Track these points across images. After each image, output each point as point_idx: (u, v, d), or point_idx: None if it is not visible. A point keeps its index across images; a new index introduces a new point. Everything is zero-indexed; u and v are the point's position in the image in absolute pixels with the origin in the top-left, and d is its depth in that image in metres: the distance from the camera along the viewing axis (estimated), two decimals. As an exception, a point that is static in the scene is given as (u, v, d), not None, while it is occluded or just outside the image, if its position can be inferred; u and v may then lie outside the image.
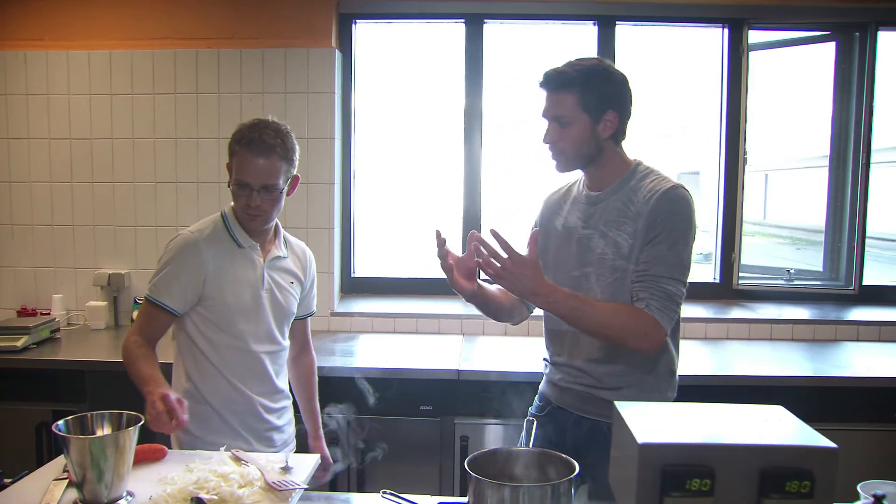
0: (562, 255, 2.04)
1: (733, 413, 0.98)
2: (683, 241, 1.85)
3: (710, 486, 0.84)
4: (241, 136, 2.02)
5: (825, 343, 3.46)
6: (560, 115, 1.93)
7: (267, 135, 2.01)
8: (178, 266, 2.02)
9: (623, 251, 1.89)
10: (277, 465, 1.56)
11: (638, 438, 0.86)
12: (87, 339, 3.38)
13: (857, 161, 3.65)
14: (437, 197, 4.00)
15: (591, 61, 1.96)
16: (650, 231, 1.86)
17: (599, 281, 1.93)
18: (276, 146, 2.01)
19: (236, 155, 2.02)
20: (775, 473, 0.83)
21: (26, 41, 3.53)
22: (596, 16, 3.66)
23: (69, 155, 3.58)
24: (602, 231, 1.94)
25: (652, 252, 1.85)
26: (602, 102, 1.92)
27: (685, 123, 5.90)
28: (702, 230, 6.44)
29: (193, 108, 3.53)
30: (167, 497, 1.39)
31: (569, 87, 1.91)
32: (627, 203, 1.92)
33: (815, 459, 0.85)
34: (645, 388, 1.96)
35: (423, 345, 3.37)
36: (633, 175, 1.97)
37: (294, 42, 3.50)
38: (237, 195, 2.04)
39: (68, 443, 1.37)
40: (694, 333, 3.51)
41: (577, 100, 1.90)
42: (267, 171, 2.00)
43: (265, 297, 2.11)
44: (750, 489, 0.85)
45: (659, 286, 1.82)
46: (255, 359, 2.10)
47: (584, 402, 1.99)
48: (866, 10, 3.53)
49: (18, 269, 3.65)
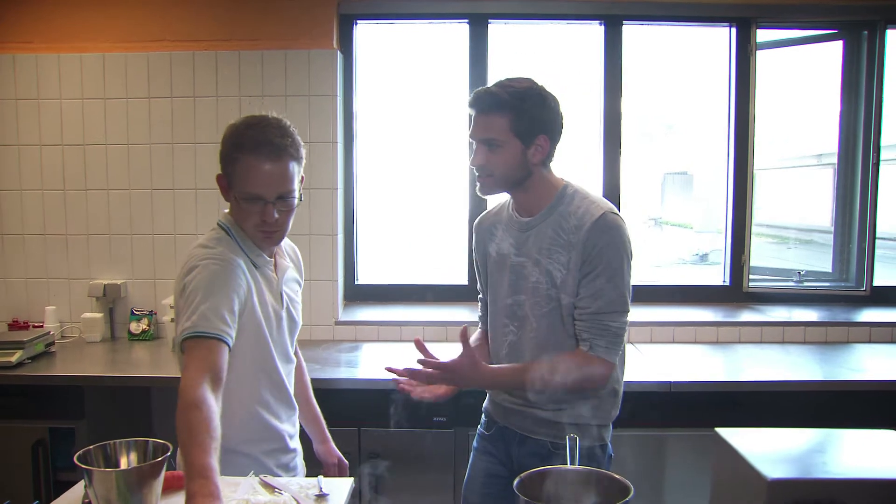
0: (495, 282, 2.04)
1: (851, 440, 0.91)
2: (621, 273, 1.86)
3: None
4: (240, 139, 1.73)
5: (837, 345, 3.42)
6: (490, 137, 1.88)
7: (272, 133, 1.73)
8: (227, 288, 1.68)
9: (556, 281, 1.88)
10: (311, 490, 1.47)
11: (766, 474, 0.78)
12: (83, 353, 3.26)
13: (868, 160, 3.62)
14: (441, 201, 3.92)
15: (524, 83, 1.89)
16: (586, 265, 1.85)
17: (534, 310, 1.93)
18: (286, 146, 1.74)
19: (238, 162, 1.72)
20: None
21: (15, 44, 3.41)
22: (602, 15, 3.59)
23: (61, 161, 3.46)
24: (535, 259, 1.92)
25: (591, 287, 1.85)
26: (534, 126, 1.88)
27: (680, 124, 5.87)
28: (702, 231, 6.38)
29: (191, 112, 3.42)
30: (198, 531, 1.29)
31: (500, 109, 1.86)
32: (558, 230, 1.90)
33: None
34: (589, 408, 1.95)
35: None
36: (562, 199, 1.94)
37: (294, 43, 3.40)
38: (246, 211, 1.75)
39: (92, 475, 1.27)
40: (706, 337, 3.45)
41: (509, 123, 1.86)
42: (280, 178, 1.72)
43: (284, 315, 1.91)
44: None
45: (602, 325, 1.85)
46: (280, 383, 1.90)
47: (529, 423, 1.99)
48: (875, 7, 3.49)
49: (9, 280, 3.52)
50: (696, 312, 3.60)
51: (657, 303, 3.68)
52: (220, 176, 1.80)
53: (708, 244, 6.08)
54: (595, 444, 1.97)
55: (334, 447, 2.21)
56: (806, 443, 0.91)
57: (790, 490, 0.77)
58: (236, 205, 1.78)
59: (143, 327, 3.46)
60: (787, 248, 4.23)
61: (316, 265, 3.46)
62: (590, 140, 3.68)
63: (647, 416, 2.68)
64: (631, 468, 2.13)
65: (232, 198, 1.79)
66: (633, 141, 3.94)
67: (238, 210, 1.78)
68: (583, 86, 3.70)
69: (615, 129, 3.64)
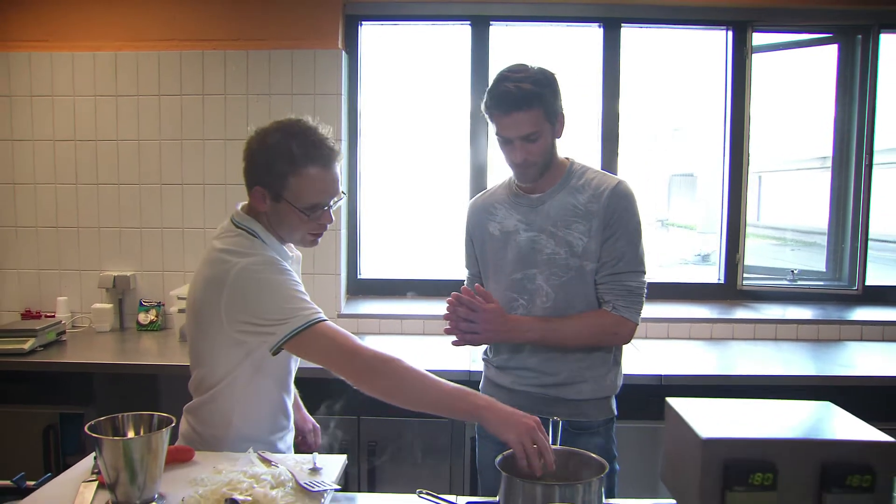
0: (498, 258, 2.09)
1: (787, 409, 0.99)
2: (638, 235, 1.99)
3: (772, 481, 0.85)
4: (296, 150, 1.67)
5: (829, 343, 3.49)
6: (530, 132, 1.94)
7: (325, 140, 1.73)
8: (293, 280, 1.71)
9: (577, 250, 1.98)
10: (306, 465, 1.56)
11: (701, 434, 0.87)
12: (93, 342, 3.36)
13: (860, 162, 3.69)
14: (442, 198, 4.01)
15: (532, 71, 1.94)
16: (607, 229, 1.96)
17: (549, 281, 2.00)
18: (338, 150, 1.76)
19: (296, 175, 1.67)
20: (837, 468, 0.84)
21: (30, 42, 3.51)
22: (601, 18, 3.67)
23: (74, 156, 3.56)
24: (550, 231, 2.00)
25: (612, 250, 1.96)
26: (557, 108, 1.97)
27: (686, 126, 5.93)
28: (705, 231, 6.41)
29: (199, 109, 3.52)
30: (199, 498, 1.39)
31: (532, 102, 1.91)
32: (574, 202, 1.99)
33: (876, 454, 0.86)
34: (598, 381, 2.04)
35: (431, 346, 3.37)
36: (571, 174, 2.04)
37: (300, 43, 3.50)
38: (301, 219, 1.73)
39: (102, 444, 1.36)
40: (700, 334, 3.53)
41: (543, 112, 1.94)
42: (337, 182, 1.75)
43: None
44: (811, 483, 0.86)
45: (622, 285, 1.97)
46: (289, 367, 1.91)
47: (537, 403, 2.04)
48: (869, 12, 3.56)
49: (22, 271, 3.62)
50: (691, 309, 3.67)
51: (653, 300, 3.74)
52: (260, 189, 1.72)
53: (710, 245, 6.15)
54: (607, 416, 2.06)
55: (307, 414, 2.19)
56: (744, 410, 0.99)
57: (722, 448, 0.86)
58: (287, 215, 1.73)
59: (151, 318, 3.56)
60: (791, 251, 4.30)
61: (320, 259, 3.55)
62: (589, 140, 3.76)
63: (639, 409, 2.74)
64: (622, 460, 2.20)
65: (277, 209, 1.73)
66: (640, 143, 4.03)
67: (287, 220, 1.74)
68: (582, 87, 3.78)
69: (613, 129, 3.72)
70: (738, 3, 3.53)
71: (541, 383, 2.04)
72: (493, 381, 2.16)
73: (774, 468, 0.85)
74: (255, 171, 1.72)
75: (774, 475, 0.84)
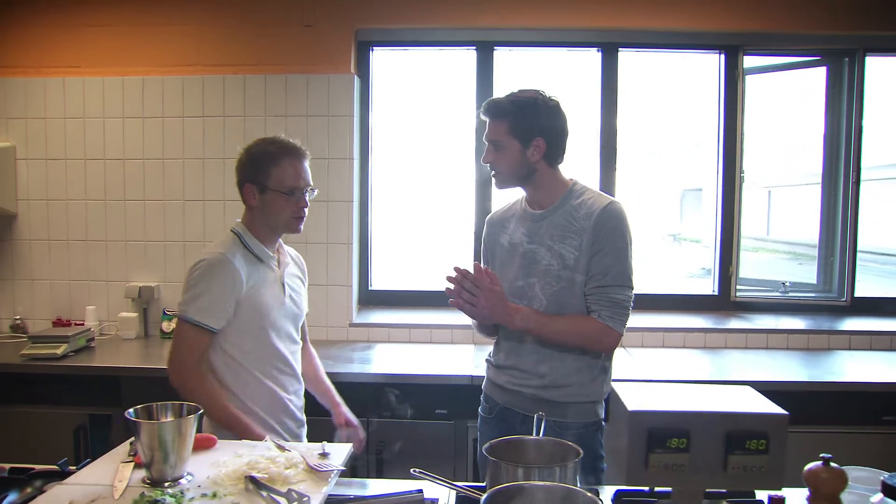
0: (505, 267, 2.30)
1: (707, 390, 1.17)
2: (625, 252, 2.16)
3: (686, 444, 1.05)
4: (270, 150, 2.18)
5: (819, 352, 3.64)
6: (495, 139, 2.20)
7: (293, 143, 2.23)
8: (219, 286, 2.11)
9: (569, 262, 2.17)
10: (316, 451, 1.75)
11: (628, 407, 1.06)
12: (120, 348, 3.58)
13: (848, 178, 3.86)
14: (449, 214, 4.20)
15: (528, 93, 2.22)
16: (595, 244, 2.15)
17: (544, 290, 2.19)
18: (306, 150, 2.26)
19: (276, 166, 2.15)
20: (738, 434, 1.05)
21: (64, 68, 3.77)
22: (600, 43, 3.88)
23: (103, 174, 3.81)
24: (548, 245, 2.20)
25: (599, 264, 2.14)
26: (531, 130, 2.18)
27: (688, 143, 6.10)
28: (706, 245, 6.54)
29: (220, 130, 3.75)
30: (223, 476, 1.59)
31: (502, 116, 2.18)
32: (570, 220, 2.19)
33: (770, 423, 1.06)
34: (584, 386, 2.20)
35: (437, 353, 3.55)
36: (571, 194, 2.24)
37: (315, 68, 3.72)
38: (283, 204, 2.18)
39: (139, 427, 1.57)
40: (694, 343, 3.69)
41: (509, 127, 2.18)
42: (307, 172, 2.23)
43: (287, 303, 2.29)
44: (718, 447, 1.06)
45: (607, 297, 2.14)
46: (285, 359, 2.27)
47: (528, 402, 2.21)
48: (854, 37, 3.74)
49: (54, 281, 3.86)
50: (686, 319, 3.84)
51: (650, 310, 3.91)
52: (249, 186, 2.20)
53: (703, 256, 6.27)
54: (590, 419, 2.22)
55: (344, 411, 2.46)
56: (671, 390, 1.18)
57: (646, 418, 1.05)
58: (274, 202, 2.18)
59: (173, 326, 3.76)
60: (799, 265, 4.44)
61: (332, 271, 3.76)
62: (590, 157, 3.95)
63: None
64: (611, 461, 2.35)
65: (264, 200, 2.18)
66: (646, 159, 4.22)
67: (274, 206, 2.18)
68: (582, 107, 3.97)
69: (611, 145, 3.92)
70: (730, 29, 3.72)
71: (530, 384, 2.22)
72: (492, 380, 2.36)
73: (688, 434, 1.04)
74: (244, 172, 2.21)
75: (688, 440, 1.04)
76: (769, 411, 1.08)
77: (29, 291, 3.87)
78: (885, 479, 1.18)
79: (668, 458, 1.05)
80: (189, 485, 1.58)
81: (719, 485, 1.06)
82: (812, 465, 1.12)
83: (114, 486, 1.55)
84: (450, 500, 1.71)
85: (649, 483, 1.03)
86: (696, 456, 1.05)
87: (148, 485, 1.58)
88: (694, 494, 1.08)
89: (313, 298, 2.68)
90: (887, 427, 3.01)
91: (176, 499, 1.47)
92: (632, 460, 1.06)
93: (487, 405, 2.40)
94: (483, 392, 2.43)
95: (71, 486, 1.58)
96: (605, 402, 2.27)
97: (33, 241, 3.85)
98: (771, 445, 1.04)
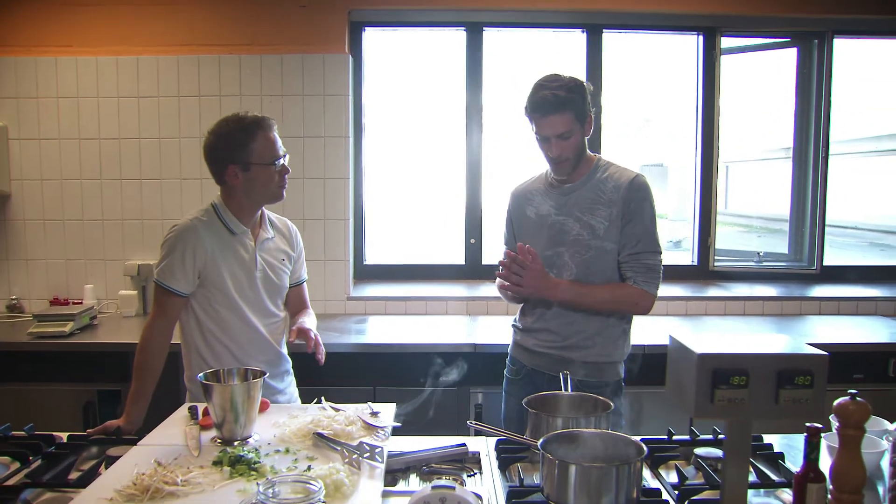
0: (533, 238, 2.44)
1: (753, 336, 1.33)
2: (653, 220, 2.33)
3: (745, 381, 1.22)
4: (243, 127, 2.22)
5: (792, 317, 3.89)
6: (565, 130, 2.29)
7: (262, 117, 2.28)
8: (182, 251, 2.22)
9: (598, 232, 2.32)
10: (366, 411, 1.89)
11: (696, 351, 1.23)
12: (122, 325, 3.64)
13: (818, 154, 4.09)
14: (440, 188, 4.33)
15: (566, 79, 2.31)
16: (625, 215, 2.30)
17: (574, 258, 2.34)
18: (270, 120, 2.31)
19: (255, 141, 2.21)
20: (788, 372, 1.22)
21: (57, 48, 3.77)
22: (585, 24, 4.03)
23: (98, 154, 3.83)
24: (577, 216, 2.35)
25: (630, 234, 2.30)
26: (586, 111, 2.33)
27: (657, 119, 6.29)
28: (676, 220, 6.79)
29: (217, 109, 3.78)
30: (290, 434, 1.71)
31: (566, 106, 2.27)
32: (599, 192, 2.34)
33: (814, 362, 1.25)
34: (606, 347, 2.37)
35: (433, 324, 3.69)
36: (598, 169, 2.40)
37: (310, 48, 3.79)
38: (269, 175, 2.24)
39: (212, 390, 1.68)
40: (676, 311, 3.90)
41: (573, 115, 2.29)
42: (279, 142, 2.30)
43: (258, 276, 2.33)
44: (772, 382, 1.23)
45: (641, 263, 2.30)
46: (256, 331, 2.32)
47: (552, 362, 2.37)
48: (824, 20, 3.96)
49: (50, 261, 3.88)
50: (667, 289, 4.03)
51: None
52: (233, 167, 2.24)
53: (681, 232, 6.51)
54: (611, 379, 2.38)
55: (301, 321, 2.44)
56: (728, 337, 1.36)
57: (711, 360, 1.22)
58: (259, 176, 2.24)
59: (173, 303, 3.83)
60: (758, 237, 4.67)
61: (330, 247, 3.87)
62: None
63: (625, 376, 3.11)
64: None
65: (249, 177, 2.25)
66: (626, 135, 4.39)
67: (260, 180, 2.25)
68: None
69: (596, 122, 4.05)
70: (707, 11, 3.89)
71: (556, 345, 2.37)
72: (519, 343, 2.51)
73: (747, 373, 1.22)
74: (221, 155, 2.25)
75: (747, 377, 1.22)
76: (813, 352, 1.25)
77: (25, 271, 3.89)
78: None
79: (730, 393, 1.22)
80: (258, 443, 1.70)
81: (772, 416, 1.25)
82: (840, 399, 1.30)
83: (187, 445, 1.66)
84: (489, 452, 1.86)
85: (714, 415, 1.21)
86: (753, 391, 1.23)
87: (220, 444, 1.69)
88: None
89: (311, 273, 2.74)
90: (858, 384, 3.25)
91: (255, 454, 1.59)
92: (699, 396, 1.23)
93: (514, 367, 2.54)
94: (509, 355, 2.58)
95: (148, 448, 1.69)
96: (624, 363, 2.44)
97: (28, 221, 3.86)
98: (815, 381, 1.23)
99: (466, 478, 1.71)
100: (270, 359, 2.37)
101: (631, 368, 2.54)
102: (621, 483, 1.39)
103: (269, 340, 2.37)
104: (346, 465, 1.51)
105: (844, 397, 1.29)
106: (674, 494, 1.61)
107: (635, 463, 1.42)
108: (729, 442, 1.33)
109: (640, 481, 1.46)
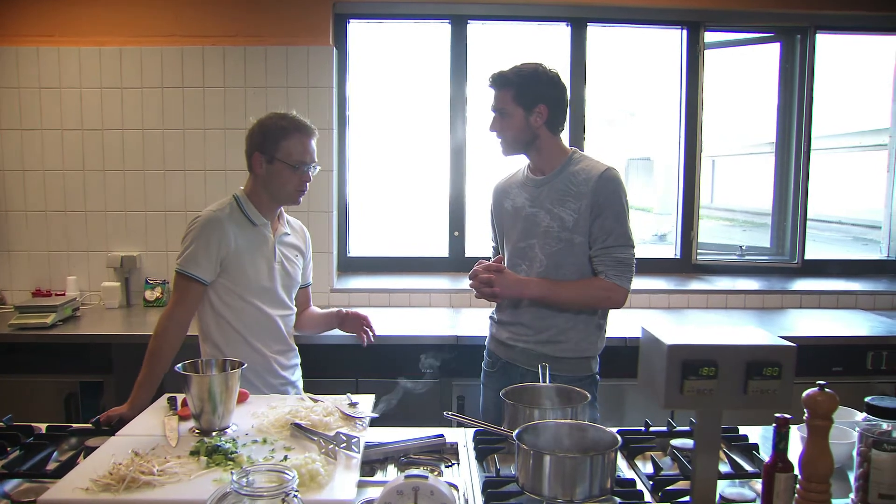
0: (510, 230, 2.49)
1: (725, 328, 1.35)
2: (623, 214, 2.34)
3: (714, 372, 1.24)
4: (284, 125, 2.32)
5: (773, 310, 3.92)
6: (500, 107, 2.37)
7: (305, 121, 2.38)
8: (206, 240, 2.28)
9: (567, 224, 2.34)
10: (344, 402, 1.90)
11: (666, 342, 1.24)
12: (105, 317, 3.63)
13: (800, 148, 4.12)
14: (425, 181, 4.33)
15: (530, 65, 2.38)
16: (595, 208, 2.32)
17: (544, 249, 2.37)
18: (315, 129, 2.42)
19: (287, 140, 2.30)
20: (756, 363, 1.24)
21: (39, 37, 3.75)
22: (569, 18, 4.04)
23: (81, 145, 3.81)
24: (548, 208, 2.37)
25: (601, 227, 2.32)
26: (534, 97, 2.35)
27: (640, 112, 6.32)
28: (661, 213, 6.83)
29: (200, 100, 3.79)
30: (268, 425, 1.72)
31: (507, 84, 2.35)
32: (569, 185, 2.36)
33: (782, 353, 1.26)
34: (577, 342, 2.38)
35: (417, 316, 3.71)
36: (571, 161, 2.41)
37: (294, 40, 3.79)
38: (289, 176, 2.33)
39: (191, 380, 1.68)
40: (658, 304, 3.93)
41: (513, 95, 2.34)
42: (314, 150, 2.39)
43: (277, 268, 2.42)
44: (741, 373, 1.25)
45: (612, 257, 2.32)
46: (272, 321, 2.40)
47: (527, 356, 2.39)
48: (806, 16, 3.99)
49: (32, 252, 3.86)
50: (650, 282, 4.07)
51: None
52: (259, 155, 2.34)
53: (666, 225, 6.55)
54: (585, 374, 2.40)
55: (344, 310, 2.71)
56: (698, 329, 1.37)
57: (681, 351, 1.23)
58: (280, 173, 2.32)
59: (156, 295, 3.83)
60: (742, 231, 4.71)
61: (314, 239, 3.79)
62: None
63: (606, 369, 3.13)
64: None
65: (271, 170, 2.33)
66: (609, 129, 4.41)
67: (279, 177, 2.33)
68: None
69: (580, 115, 4.10)
70: (691, 6, 3.91)
71: (529, 339, 2.39)
72: (495, 336, 2.53)
73: (716, 364, 1.24)
74: (255, 141, 2.35)
75: (716, 368, 1.24)
76: (781, 344, 1.27)
77: (6, 263, 3.87)
78: (869, 401, 1.40)
79: (699, 384, 1.24)
80: (236, 433, 1.71)
81: (741, 406, 1.27)
82: (809, 391, 1.32)
83: (166, 436, 1.66)
84: (468, 443, 1.88)
85: (684, 406, 1.23)
86: (722, 382, 1.25)
87: (197, 434, 1.70)
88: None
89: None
90: (837, 377, 3.29)
91: (232, 444, 1.59)
92: (669, 387, 1.24)
93: (490, 360, 2.56)
94: (487, 348, 2.60)
95: (125, 438, 1.69)
96: (598, 357, 2.46)
97: (9, 213, 3.84)
98: (783, 372, 1.25)
99: (444, 468, 1.73)
100: (284, 349, 2.45)
101: (612, 360, 2.55)
102: (595, 473, 1.41)
103: (283, 331, 2.44)
104: (323, 455, 1.53)
105: (813, 388, 1.31)
106: (648, 485, 1.63)
107: (609, 453, 1.44)
108: (699, 432, 1.35)
109: (614, 471, 1.47)
